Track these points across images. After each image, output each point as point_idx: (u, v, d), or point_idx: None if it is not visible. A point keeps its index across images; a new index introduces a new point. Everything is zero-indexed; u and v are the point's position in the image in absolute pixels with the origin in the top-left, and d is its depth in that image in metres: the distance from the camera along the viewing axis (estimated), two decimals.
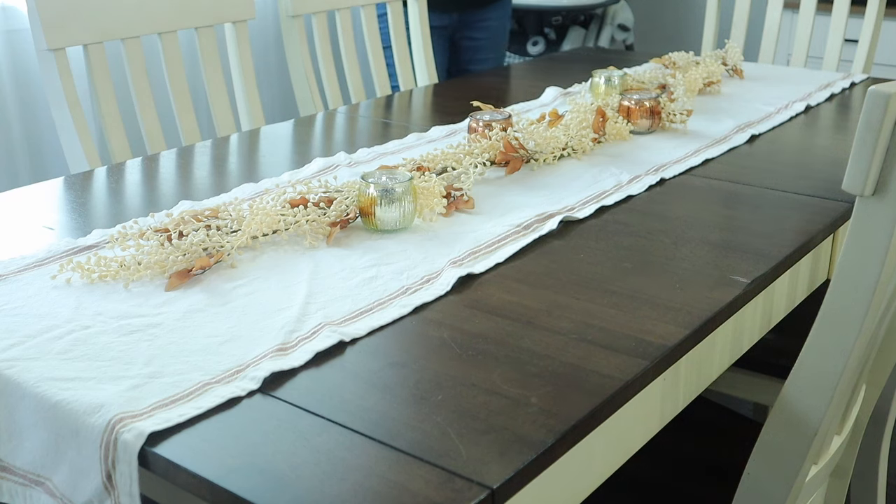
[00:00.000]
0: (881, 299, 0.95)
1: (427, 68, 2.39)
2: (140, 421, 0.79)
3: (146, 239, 1.13)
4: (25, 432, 0.85)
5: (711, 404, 1.41)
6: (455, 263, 1.10)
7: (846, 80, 2.10)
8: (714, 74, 1.98)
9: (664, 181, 1.42)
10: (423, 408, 0.82)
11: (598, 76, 1.79)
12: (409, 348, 0.93)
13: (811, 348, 0.94)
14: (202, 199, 1.34)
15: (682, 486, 1.26)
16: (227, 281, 1.07)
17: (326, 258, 1.13)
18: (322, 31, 2.11)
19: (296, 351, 0.91)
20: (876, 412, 1.35)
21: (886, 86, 0.82)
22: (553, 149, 1.48)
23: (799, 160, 1.58)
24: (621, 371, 0.88)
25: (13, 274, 1.09)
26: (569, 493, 0.85)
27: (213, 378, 0.86)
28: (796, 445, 0.97)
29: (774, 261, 1.13)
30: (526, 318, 0.98)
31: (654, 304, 1.02)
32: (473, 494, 0.71)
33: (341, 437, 0.78)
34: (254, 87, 1.99)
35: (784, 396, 0.97)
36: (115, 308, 1.01)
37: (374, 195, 1.19)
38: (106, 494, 0.80)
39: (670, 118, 1.67)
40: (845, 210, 1.29)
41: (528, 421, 0.80)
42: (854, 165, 0.85)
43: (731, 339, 1.09)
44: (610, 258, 1.14)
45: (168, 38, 1.82)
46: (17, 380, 0.86)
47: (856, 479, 1.47)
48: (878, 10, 2.36)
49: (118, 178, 1.50)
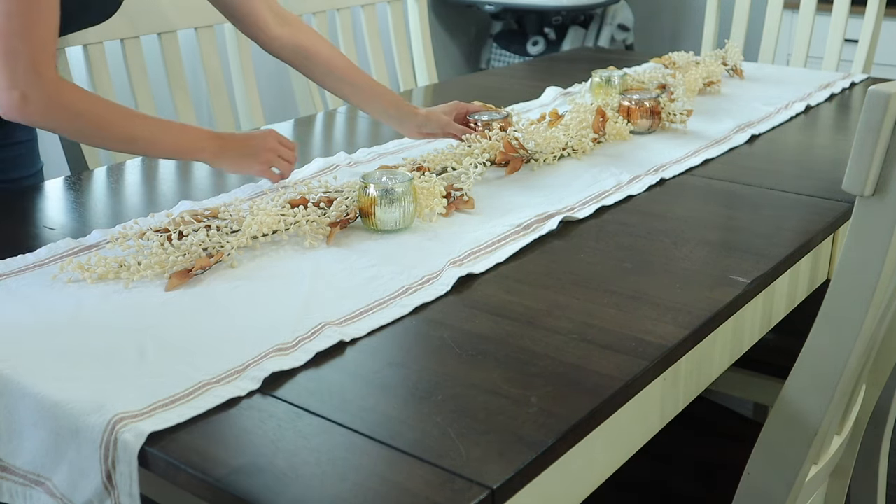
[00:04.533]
0: (881, 299, 0.95)
1: (427, 68, 2.39)
2: (140, 421, 0.79)
3: (146, 239, 1.13)
4: (25, 432, 0.85)
5: (711, 404, 1.41)
6: (455, 263, 1.10)
7: (846, 80, 2.10)
8: (714, 74, 1.98)
9: (664, 181, 1.42)
10: (423, 408, 0.82)
11: (598, 76, 1.79)
12: (409, 348, 0.93)
13: (811, 348, 0.94)
14: (202, 199, 1.34)
15: (682, 486, 1.26)
16: (227, 281, 1.07)
17: (326, 258, 1.13)
18: (322, 31, 2.11)
19: (296, 351, 0.91)
20: (876, 412, 1.34)
21: (886, 86, 0.82)
22: (553, 149, 1.48)
23: (799, 160, 1.58)
24: (621, 371, 0.88)
25: (13, 274, 1.09)
26: (569, 493, 0.85)
27: (213, 378, 0.86)
28: (796, 445, 0.97)
29: (774, 261, 1.13)
30: (526, 318, 0.98)
31: (654, 304, 1.02)
32: (473, 494, 0.71)
33: (341, 437, 0.78)
34: (254, 87, 1.99)
35: (784, 396, 0.97)
36: (115, 308, 1.01)
37: (374, 195, 1.19)
38: (106, 494, 0.80)
39: (670, 118, 1.67)
40: (845, 210, 1.29)
41: (528, 421, 0.80)
42: (854, 165, 0.85)
43: (731, 339, 1.09)
44: (610, 258, 1.14)
45: (168, 38, 1.82)
46: (17, 380, 0.86)
47: (856, 479, 1.47)
48: (878, 10, 2.36)
49: (118, 178, 1.50)
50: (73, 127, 1.25)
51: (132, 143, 1.29)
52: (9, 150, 1.50)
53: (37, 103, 1.19)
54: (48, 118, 1.22)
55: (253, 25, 1.52)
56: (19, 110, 1.19)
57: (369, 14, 2.23)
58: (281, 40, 1.53)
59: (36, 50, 1.18)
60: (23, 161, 1.54)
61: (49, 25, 1.20)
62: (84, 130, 1.26)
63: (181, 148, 1.31)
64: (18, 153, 1.53)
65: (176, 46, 1.84)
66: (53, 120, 1.23)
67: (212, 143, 1.31)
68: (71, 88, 1.24)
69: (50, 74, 1.20)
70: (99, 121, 1.24)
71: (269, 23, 1.52)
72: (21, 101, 1.18)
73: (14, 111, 1.20)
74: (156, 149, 1.31)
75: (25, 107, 1.19)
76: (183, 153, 1.33)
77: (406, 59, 2.34)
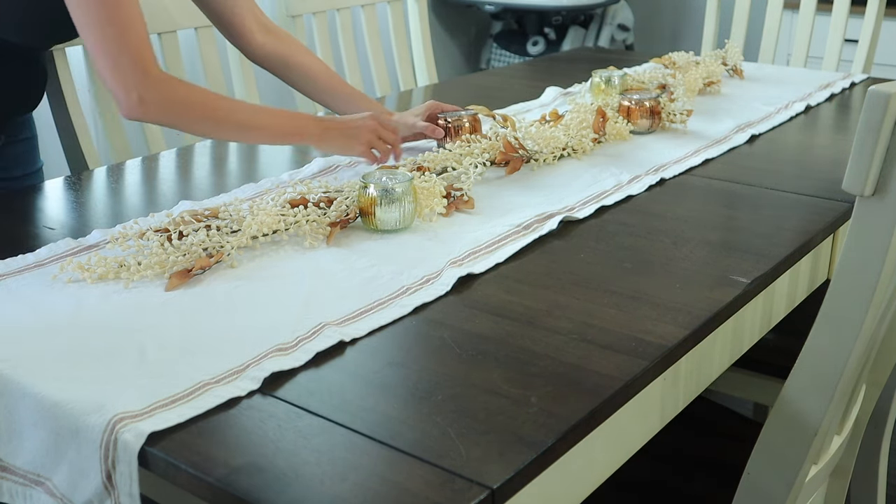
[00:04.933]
0: (881, 299, 0.95)
1: (427, 68, 2.39)
2: (140, 421, 0.79)
3: (146, 239, 1.13)
4: (25, 432, 0.85)
5: (711, 404, 1.41)
6: (455, 263, 1.10)
7: (846, 80, 2.10)
8: (714, 74, 1.98)
9: (664, 181, 1.42)
10: (423, 408, 0.82)
11: (598, 76, 1.79)
12: (409, 348, 0.93)
13: (811, 348, 0.94)
14: (202, 199, 1.34)
15: (682, 486, 1.26)
16: (227, 281, 1.07)
17: (326, 258, 1.13)
18: (322, 31, 2.11)
19: (296, 351, 0.91)
20: (876, 412, 1.35)
21: (886, 86, 0.82)
22: (553, 149, 1.48)
23: (799, 160, 1.58)
24: (621, 371, 0.88)
25: (13, 274, 1.09)
26: (569, 493, 0.85)
27: (213, 378, 0.86)
28: (796, 445, 0.97)
29: (774, 261, 1.13)
30: (526, 318, 0.98)
31: (654, 304, 1.01)
32: (473, 494, 0.71)
33: (341, 437, 0.78)
34: (254, 87, 1.99)
35: (784, 396, 0.97)
36: (115, 308, 1.01)
37: (374, 195, 1.19)
38: (106, 494, 0.80)
39: (670, 118, 1.67)
40: (845, 210, 1.29)
41: (528, 421, 0.80)
42: (854, 165, 0.85)
43: (731, 339, 1.09)
44: (610, 258, 1.14)
45: (168, 37, 1.82)
46: (17, 380, 0.86)
47: (856, 479, 1.47)
48: (878, 10, 2.36)
49: (118, 178, 1.50)
50: (190, 118, 1.30)
51: (245, 131, 1.35)
52: (11, 147, 1.51)
53: (154, 102, 1.24)
54: (167, 114, 1.27)
55: (237, 34, 1.58)
56: (140, 111, 1.24)
57: (369, 14, 2.23)
58: (263, 49, 1.58)
59: (137, 51, 1.23)
60: (24, 159, 1.56)
61: (141, 25, 1.24)
62: (200, 122, 1.31)
63: (289, 132, 1.37)
64: (21, 150, 1.54)
65: (176, 46, 1.84)
66: (172, 115, 1.28)
67: (316, 126, 1.38)
68: (179, 82, 1.29)
69: (156, 72, 1.25)
70: (213, 111, 1.30)
71: (253, 32, 1.57)
72: (139, 102, 1.23)
73: (135, 112, 1.24)
74: (266, 134, 1.37)
75: (144, 107, 1.24)
76: (291, 137, 1.39)
77: (406, 59, 2.34)
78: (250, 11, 1.56)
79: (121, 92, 1.23)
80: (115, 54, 1.22)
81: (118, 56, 1.22)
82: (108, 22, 1.21)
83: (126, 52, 1.22)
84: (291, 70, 1.60)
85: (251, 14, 1.56)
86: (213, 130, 1.36)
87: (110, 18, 1.21)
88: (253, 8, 1.57)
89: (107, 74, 1.23)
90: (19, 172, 1.54)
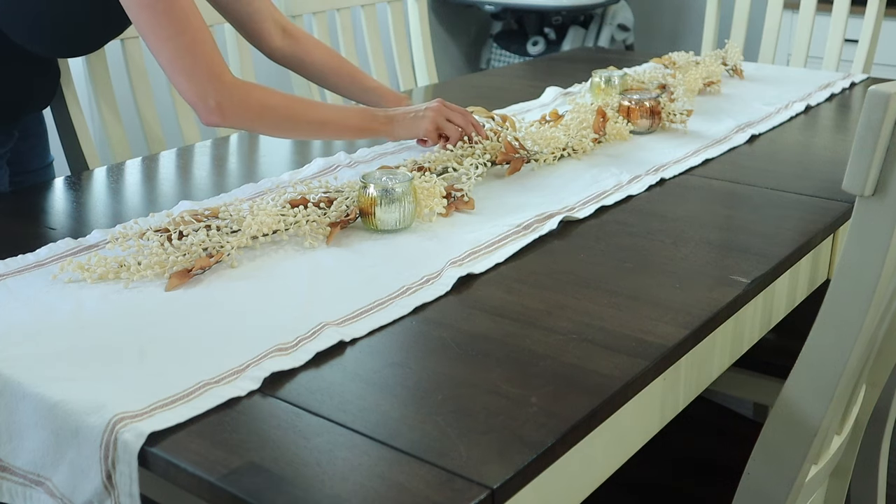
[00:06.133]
0: (881, 299, 0.95)
1: (427, 68, 2.39)
2: (140, 421, 0.79)
3: (146, 239, 1.13)
4: (25, 432, 0.85)
5: (711, 404, 1.41)
6: (455, 263, 1.10)
7: (846, 80, 2.10)
8: (714, 74, 1.98)
9: (664, 181, 1.42)
10: (423, 408, 0.82)
11: (598, 76, 1.79)
12: (409, 348, 0.93)
13: (811, 348, 0.94)
14: (202, 199, 1.34)
15: (682, 486, 1.26)
16: (227, 281, 1.07)
17: (326, 258, 1.13)
18: (322, 31, 2.11)
19: (296, 351, 0.91)
20: (876, 412, 1.34)
21: (886, 86, 0.82)
22: (553, 149, 1.48)
23: (799, 160, 1.58)
24: (621, 371, 0.88)
25: (13, 274, 1.09)
26: (569, 493, 0.85)
27: (213, 378, 0.86)
28: (796, 445, 0.97)
29: (774, 261, 1.13)
30: (526, 318, 0.98)
31: (654, 304, 1.01)
32: (473, 494, 0.71)
33: (341, 437, 0.78)
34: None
35: (784, 396, 0.97)
36: (115, 308, 1.01)
37: (374, 195, 1.19)
38: (106, 494, 0.80)
39: (670, 118, 1.67)
40: (845, 210, 1.29)
41: (528, 421, 0.80)
42: (854, 165, 0.85)
43: (731, 339, 1.09)
44: (610, 258, 1.14)
45: None
46: (17, 380, 0.86)
47: (856, 479, 1.47)
48: (878, 10, 2.36)
49: (118, 178, 1.50)
50: (267, 121, 1.33)
51: (322, 128, 1.39)
52: (23, 142, 1.54)
53: (232, 108, 1.27)
54: (246, 119, 1.30)
55: (258, 39, 1.62)
56: (218, 117, 1.27)
57: (369, 14, 2.23)
58: (282, 51, 1.62)
59: (210, 60, 1.26)
60: (36, 153, 1.59)
61: (208, 34, 1.27)
62: (278, 123, 1.34)
63: (360, 126, 1.41)
64: (32, 145, 1.58)
65: None
66: (251, 119, 1.31)
67: (384, 116, 1.44)
68: (253, 86, 1.32)
69: (230, 79, 1.28)
70: (290, 112, 1.34)
71: (272, 36, 1.61)
72: (218, 110, 1.26)
73: (213, 119, 1.27)
74: (340, 129, 1.41)
75: (223, 114, 1.27)
76: (363, 131, 1.43)
77: (406, 59, 2.34)
78: (270, 16, 1.60)
79: (199, 101, 1.26)
80: (189, 66, 1.24)
81: (193, 67, 1.25)
82: (179, 36, 1.24)
83: (200, 63, 1.25)
84: (308, 69, 1.64)
85: (271, 19, 1.60)
86: (290, 131, 1.40)
87: (180, 33, 1.24)
88: (273, 13, 1.61)
89: (183, 86, 1.26)
90: (33, 167, 1.58)
